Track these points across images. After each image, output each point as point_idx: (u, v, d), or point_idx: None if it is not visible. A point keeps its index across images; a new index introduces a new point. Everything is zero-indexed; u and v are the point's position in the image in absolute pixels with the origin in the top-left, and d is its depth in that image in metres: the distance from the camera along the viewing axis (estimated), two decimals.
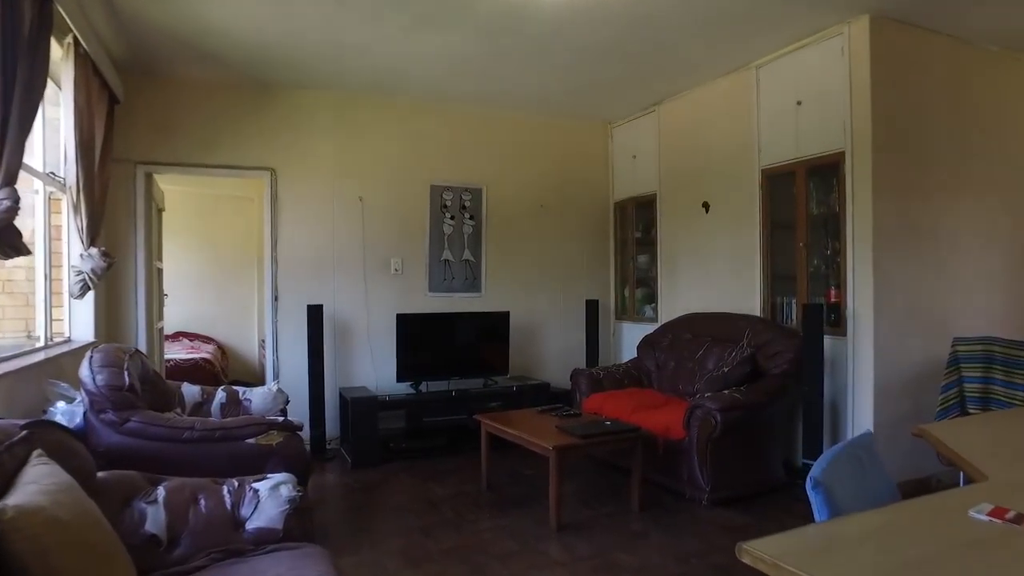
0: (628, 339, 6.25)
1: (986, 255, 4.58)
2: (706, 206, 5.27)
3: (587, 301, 6.08)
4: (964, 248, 4.44)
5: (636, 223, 6.22)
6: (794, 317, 4.57)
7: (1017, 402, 3.46)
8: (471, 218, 6.00)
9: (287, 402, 4.00)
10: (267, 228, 5.40)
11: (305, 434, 5.31)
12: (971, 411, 3.69)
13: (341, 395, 5.34)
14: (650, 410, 4.45)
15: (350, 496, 4.30)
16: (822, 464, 1.66)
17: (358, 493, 4.34)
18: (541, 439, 3.63)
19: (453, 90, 5.50)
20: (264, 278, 5.49)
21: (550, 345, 6.31)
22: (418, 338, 5.49)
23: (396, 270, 5.75)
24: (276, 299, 5.39)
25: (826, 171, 4.29)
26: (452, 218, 5.92)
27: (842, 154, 4.11)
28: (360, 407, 4.96)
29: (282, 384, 5.30)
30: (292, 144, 5.41)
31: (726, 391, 4.00)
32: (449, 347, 5.63)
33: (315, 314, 5.17)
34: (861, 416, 4.02)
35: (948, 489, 1.84)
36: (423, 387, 5.43)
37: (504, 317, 5.77)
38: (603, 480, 4.52)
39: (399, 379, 5.38)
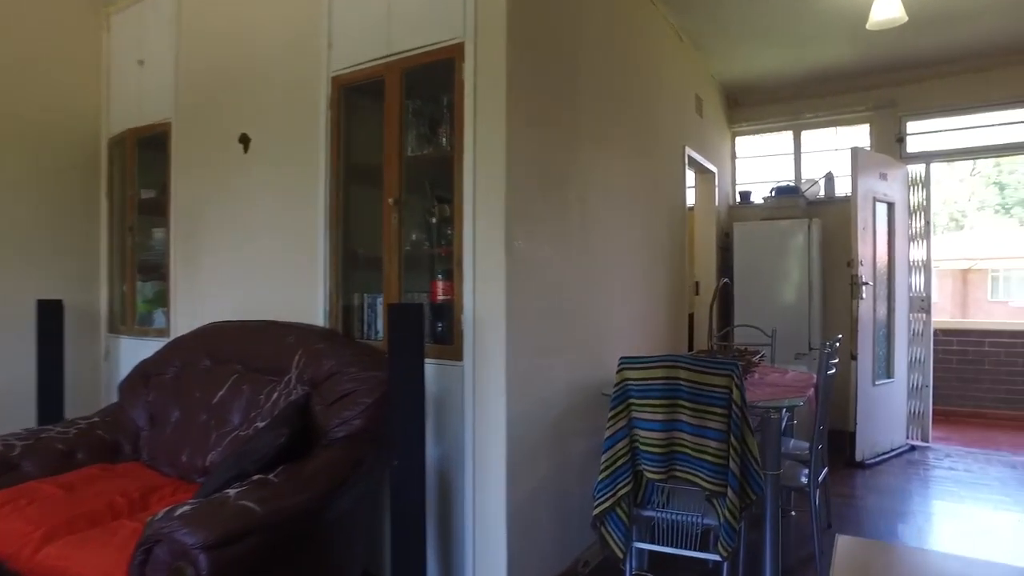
0: (130, 367, 3.70)
1: (635, 242, 3.43)
2: (245, 141, 3.13)
3: (39, 303, 3.37)
4: (615, 231, 3.19)
5: (141, 172, 3.73)
6: (382, 328, 2.73)
7: (708, 457, 2.13)
8: None
9: None
10: None
11: None
12: (649, 474, 2.27)
13: None
14: (93, 530, 2.12)
15: None
16: None
17: None
18: None
19: None
20: None
21: None
22: None
23: None
24: None
25: (438, 75, 2.54)
26: None
27: (459, 48, 2.41)
28: None
29: None
30: None
31: (232, 491, 1.89)
32: None
33: None
34: (487, 495, 2.35)
35: None
36: None
37: None
38: None
39: None
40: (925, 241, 5.09)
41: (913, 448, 4.91)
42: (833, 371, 2.80)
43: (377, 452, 2.24)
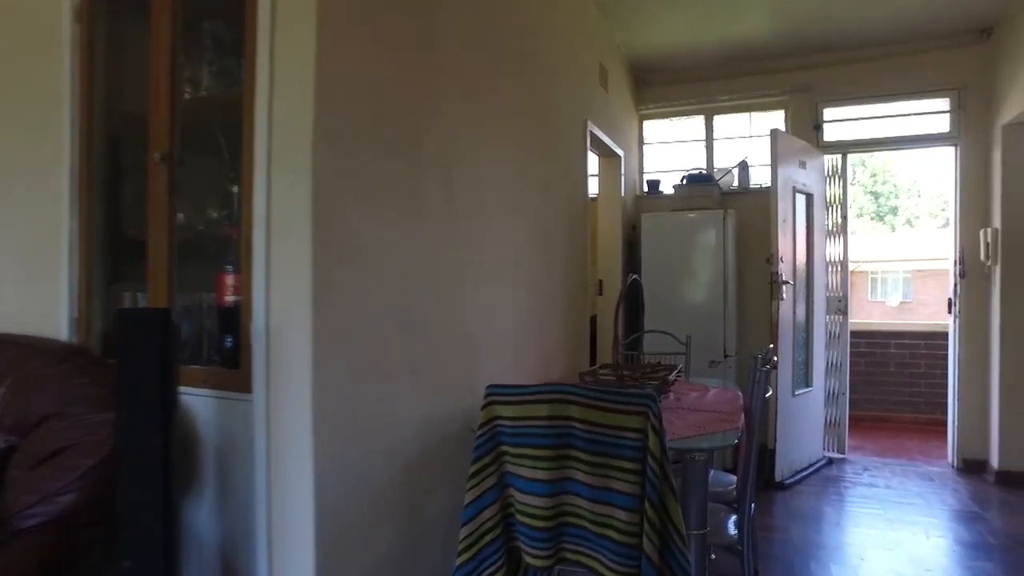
0: None
1: (525, 228, 2.74)
2: None
3: None
4: (498, 213, 2.49)
5: None
6: None
7: (613, 533, 1.44)
8: None
9: None
10: None
11: None
12: (529, 557, 1.57)
13: None
14: None
15: None
16: None
17: None
18: None
19: None
20: None
21: None
22: None
23: None
24: None
25: None
26: None
27: None
28: None
29: None
30: None
31: None
32: None
33: None
34: None
35: None
36: None
37: None
38: None
39: None
40: (842, 237, 4.72)
41: (831, 461, 4.51)
42: (770, 392, 2.22)
43: (103, 546, 1.43)
